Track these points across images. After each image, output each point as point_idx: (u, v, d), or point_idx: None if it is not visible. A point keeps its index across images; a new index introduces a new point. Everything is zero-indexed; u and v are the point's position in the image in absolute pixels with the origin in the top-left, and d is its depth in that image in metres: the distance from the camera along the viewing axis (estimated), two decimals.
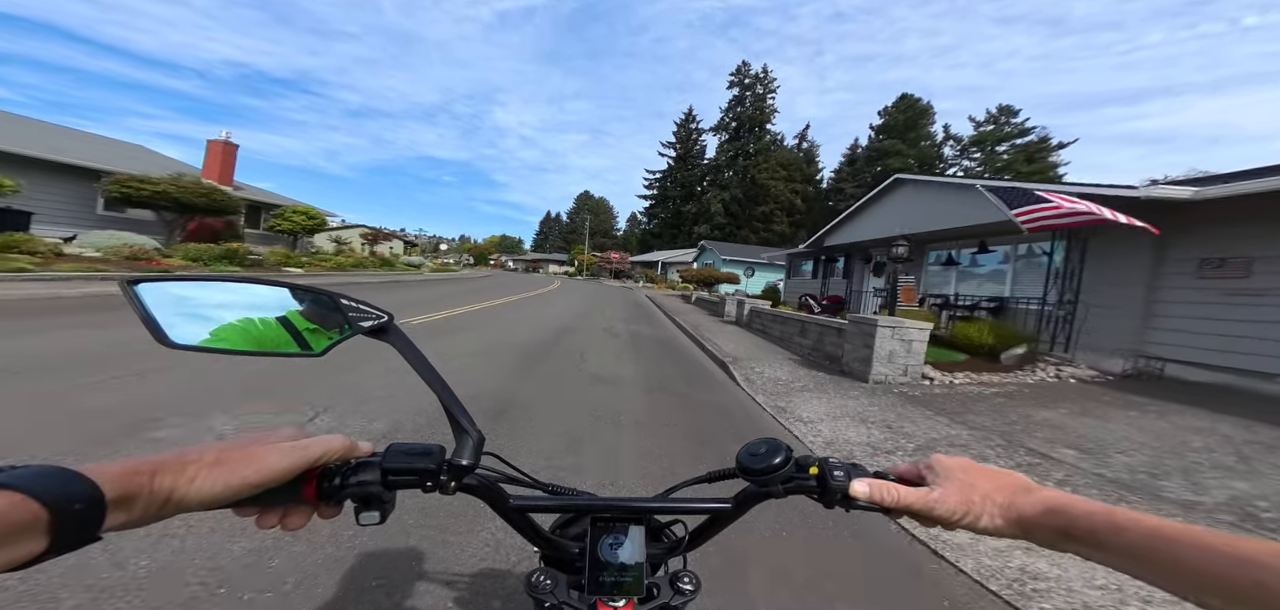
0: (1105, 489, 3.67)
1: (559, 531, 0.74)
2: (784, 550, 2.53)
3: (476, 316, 11.79)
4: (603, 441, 3.90)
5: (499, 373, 5.95)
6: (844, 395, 6.29)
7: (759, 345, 10.88)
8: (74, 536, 0.34)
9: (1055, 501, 0.49)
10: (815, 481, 0.60)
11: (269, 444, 0.48)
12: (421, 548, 2.20)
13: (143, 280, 0.52)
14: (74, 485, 0.34)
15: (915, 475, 0.60)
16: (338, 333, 0.59)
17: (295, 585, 1.89)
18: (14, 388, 3.78)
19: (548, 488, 0.73)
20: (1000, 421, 5.34)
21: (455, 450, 0.57)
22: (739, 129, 72.91)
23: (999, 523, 0.52)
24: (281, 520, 0.52)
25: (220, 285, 0.56)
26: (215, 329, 0.54)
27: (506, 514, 0.65)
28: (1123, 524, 0.43)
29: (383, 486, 0.54)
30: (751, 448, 0.61)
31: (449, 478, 0.56)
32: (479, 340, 8.31)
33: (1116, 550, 0.43)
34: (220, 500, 0.44)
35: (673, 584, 0.68)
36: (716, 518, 0.70)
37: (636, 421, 4.51)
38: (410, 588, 1.93)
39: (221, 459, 0.44)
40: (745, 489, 0.66)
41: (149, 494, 0.39)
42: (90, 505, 0.34)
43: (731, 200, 71.53)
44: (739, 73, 73.66)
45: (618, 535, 0.66)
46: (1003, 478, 0.55)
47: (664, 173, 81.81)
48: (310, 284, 0.61)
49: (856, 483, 0.59)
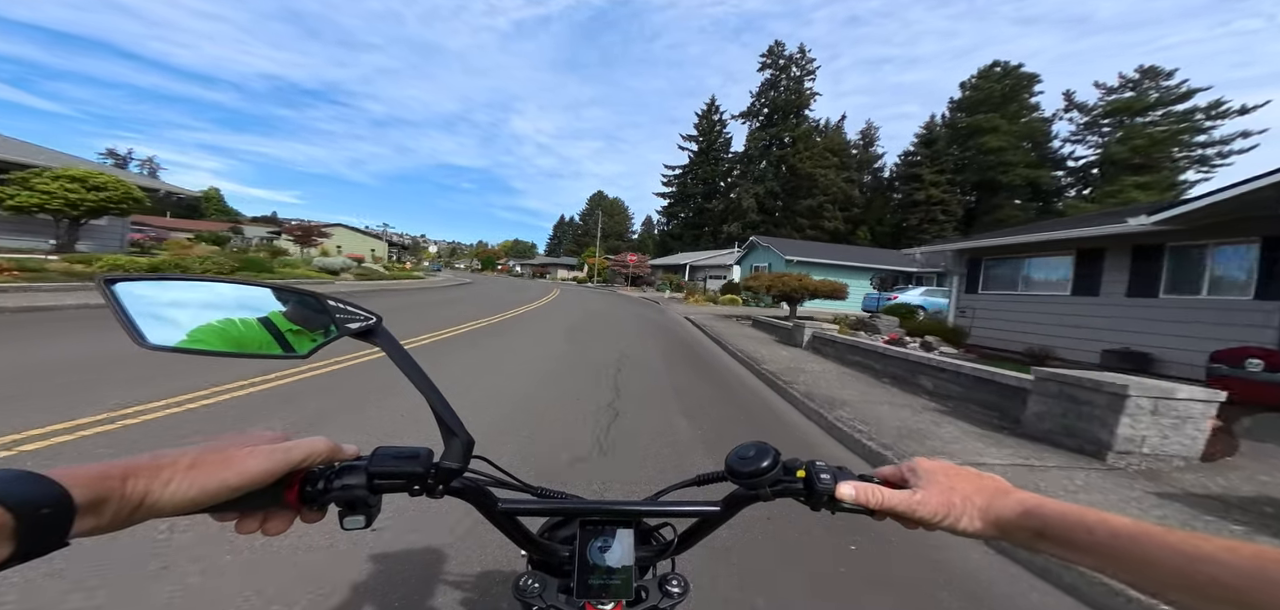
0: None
1: (547, 535, 0.73)
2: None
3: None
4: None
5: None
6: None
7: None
8: (41, 541, 0.33)
9: (1031, 503, 0.50)
10: (802, 485, 0.60)
11: (249, 446, 0.47)
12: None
13: (120, 278, 0.50)
14: (40, 488, 0.33)
15: (898, 478, 0.61)
16: (322, 334, 0.57)
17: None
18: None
19: (536, 491, 0.71)
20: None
21: (444, 453, 0.56)
22: (772, 116, 63.50)
23: (978, 524, 0.53)
24: (262, 525, 0.50)
25: (202, 284, 0.55)
26: (193, 330, 0.53)
27: (494, 517, 0.64)
28: (1092, 525, 0.45)
29: (368, 491, 0.52)
30: (741, 451, 0.60)
31: (436, 481, 0.55)
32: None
33: (1087, 549, 0.45)
34: (196, 505, 0.42)
35: (661, 587, 0.68)
36: (705, 521, 0.69)
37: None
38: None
39: (198, 462, 0.43)
40: (734, 492, 0.65)
41: (120, 498, 0.38)
42: (57, 509, 0.33)
43: (766, 194, 61.60)
44: (772, 54, 64.05)
45: (606, 538, 0.66)
46: (981, 480, 0.56)
47: (684, 168, 73.26)
48: (294, 285, 0.60)
49: (843, 485, 0.58)
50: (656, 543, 0.72)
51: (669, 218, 77.25)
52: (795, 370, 8.24)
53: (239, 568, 2.02)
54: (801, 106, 62.70)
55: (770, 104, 63.75)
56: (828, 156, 57.81)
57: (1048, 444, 4.62)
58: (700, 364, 9.01)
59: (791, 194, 59.97)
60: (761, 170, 63.63)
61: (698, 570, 2.24)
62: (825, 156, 57.63)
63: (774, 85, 63.72)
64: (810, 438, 4.91)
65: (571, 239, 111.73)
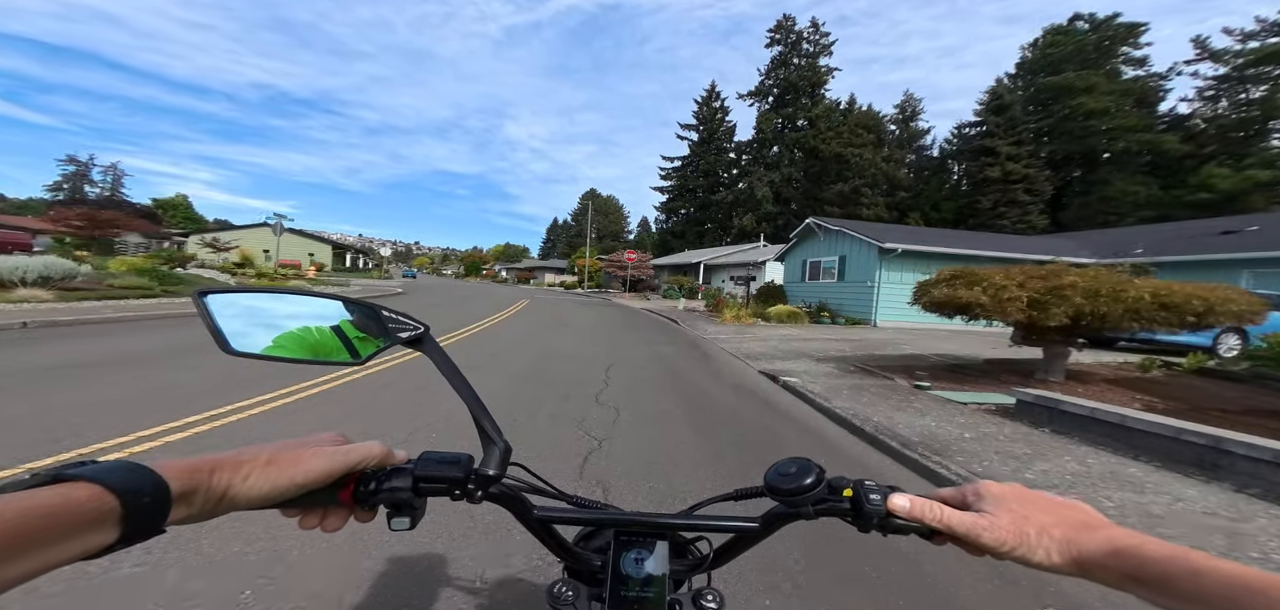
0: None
1: (582, 544, 0.73)
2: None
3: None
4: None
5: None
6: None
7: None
8: (143, 527, 0.35)
9: (1124, 542, 0.44)
10: (849, 504, 0.56)
11: (314, 448, 0.50)
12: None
13: (212, 291, 0.54)
14: (144, 479, 0.36)
15: (960, 500, 0.55)
16: (380, 341, 0.60)
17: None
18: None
19: (572, 500, 0.70)
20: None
21: (483, 460, 0.57)
22: (784, 96, 54.90)
23: (1056, 560, 0.47)
24: (321, 522, 0.53)
25: (285, 297, 0.59)
26: (278, 337, 0.56)
27: (530, 524, 0.65)
28: (1201, 569, 0.39)
29: (413, 493, 0.55)
30: (780, 468, 0.58)
31: (476, 487, 0.56)
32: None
33: (1193, 598, 0.39)
34: (269, 499, 0.46)
35: (696, 602, 0.65)
36: (742, 537, 0.67)
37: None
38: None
39: (273, 460, 0.46)
40: (773, 509, 0.62)
41: (207, 489, 0.40)
42: (157, 498, 0.36)
43: (783, 181, 52.59)
44: (780, 29, 55.31)
45: (641, 550, 0.65)
46: (1062, 510, 0.50)
47: (684, 159, 64.66)
48: (359, 298, 0.63)
49: (896, 498, 0.54)
50: (692, 556, 0.71)
51: (668, 214, 68.13)
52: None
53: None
54: (817, 85, 53.82)
55: (781, 83, 54.94)
56: (861, 134, 48.58)
57: None
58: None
59: (816, 180, 50.90)
60: (774, 156, 54.66)
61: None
62: (858, 135, 48.42)
63: (784, 63, 54.86)
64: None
65: (565, 241, 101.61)
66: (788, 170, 53.22)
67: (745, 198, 54.30)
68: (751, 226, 51.71)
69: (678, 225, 65.49)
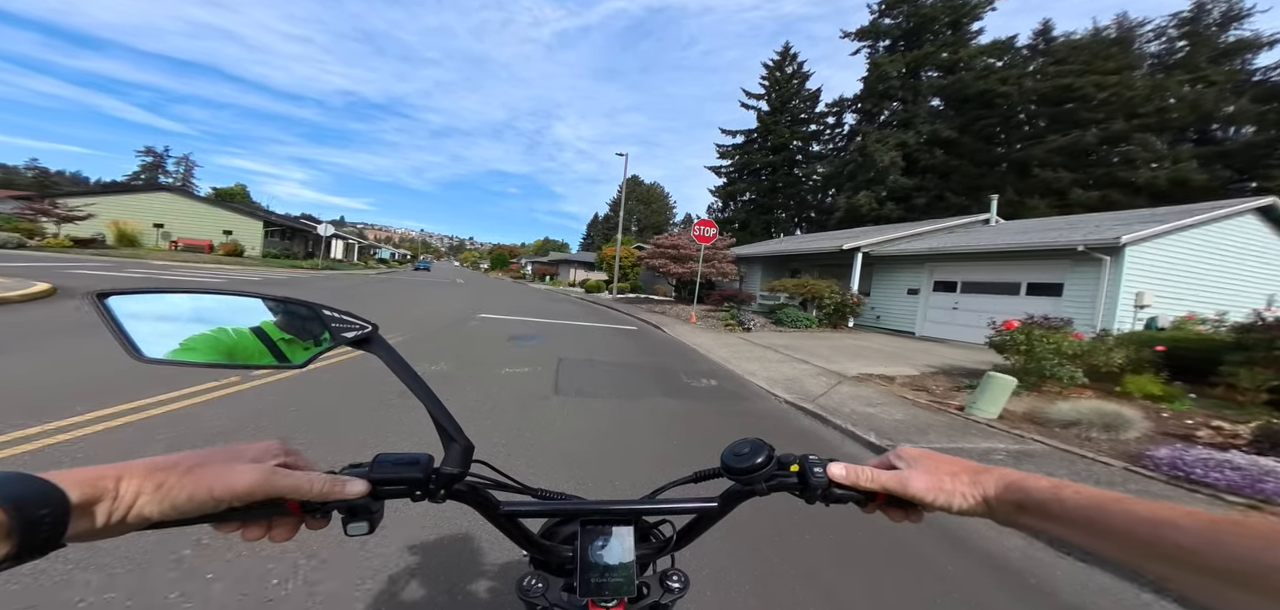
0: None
1: (548, 535, 0.74)
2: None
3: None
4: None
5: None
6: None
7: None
8: (39, 542, 0.33)
9: (1011, 477, 0.52)
10: (796, 478, 0.61)
11: (244, 464, 0.45)
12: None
13: (113, 292, 0.50)
14: (37, 488, 0.33)
15: (886, 465, 0.62)
16: (315, 344, 0.56)
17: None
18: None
19: (537, 493, 0.72)
20: None
21: (444, 458, 0.57)
22: (912, 34, 38.45)
23: (970, 503, 0.54)
24: (268, 533, 0.49)
25: (192, 296, 0.55)
26: (186, 340, 0.53)
27: (496, 520, 0.66)
28: (1066, 497, 0.46)
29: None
30: (736, 448, 0.62)
31: (437, 486, 0.56)
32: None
33: (1061, 520, 0.46)
34: (188, 514, 0.41)
35: (662, 582, 0.69)
36: (703, 516, 0.70)
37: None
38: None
39: (194, 469, 0.42)
40: (730, 488, 0.66)
41: (114, 499, 0.37)
42: (55, 510, 0.33)
43: (920, 145, 35.24)
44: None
45: (607, 537, 0.67)
46: (961, 462, 0.57)
47: (748, 134, 49.85)
48: (287, 294, 0.59)
49: (834, 466, 0.60)
50: (656, 540, 0.73)
51: (726, 200, 51.92)
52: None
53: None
54: (970, 15, 36.12)
55: (911, 16, 37.50)
56: (1100, 63, 30.04)
57: None
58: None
59: (987, 139, 33.29)
60: (907, 112, 37.27)
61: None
62: (1098, 63, 29.96)
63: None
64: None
65: (603, 235, 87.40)
66: (925, 127, 35.78)
67: (858, 165, 37.28)
68: (867, 205, 34.79)
69: (739, 213, 49.61)
